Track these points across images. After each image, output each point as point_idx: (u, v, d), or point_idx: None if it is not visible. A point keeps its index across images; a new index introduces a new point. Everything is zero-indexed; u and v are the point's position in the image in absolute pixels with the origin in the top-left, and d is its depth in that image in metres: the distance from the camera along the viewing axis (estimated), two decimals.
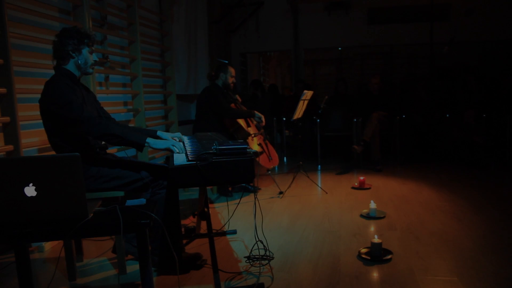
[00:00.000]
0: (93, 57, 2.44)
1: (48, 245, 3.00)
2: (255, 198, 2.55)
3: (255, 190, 4.44)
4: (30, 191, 1.61)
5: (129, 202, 1.93)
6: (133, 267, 2.60)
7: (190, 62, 5.96)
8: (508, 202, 3.77)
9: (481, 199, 3.89)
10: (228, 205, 3.84)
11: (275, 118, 6.70)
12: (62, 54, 2.35)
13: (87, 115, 2.22)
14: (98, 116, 2.48)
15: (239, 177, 1.91)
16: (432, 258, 2.59)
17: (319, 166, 5.80)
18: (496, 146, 5.65)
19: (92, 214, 1.72)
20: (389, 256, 2.60)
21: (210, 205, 3.93)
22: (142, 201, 1.93)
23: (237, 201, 4.06)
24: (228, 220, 3.38)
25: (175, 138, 2.59)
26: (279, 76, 13.47)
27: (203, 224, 3.16)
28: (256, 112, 4.25)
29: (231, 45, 8.23)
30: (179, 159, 2.05)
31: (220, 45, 7.57)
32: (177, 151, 2.26)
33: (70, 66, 2.38)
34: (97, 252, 2.90)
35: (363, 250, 2.69)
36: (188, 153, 2.11)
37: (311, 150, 6.34)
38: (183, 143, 2.51)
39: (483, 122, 5.53)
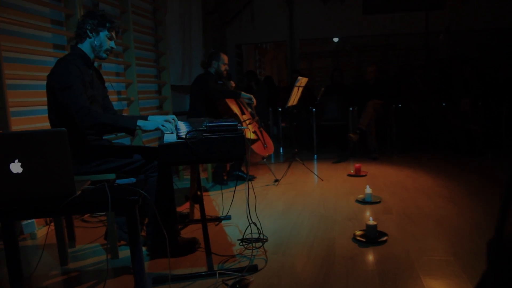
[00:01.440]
0: (111, 44, 2.43)
1: (40, 232, 2.97)
2: (247, 182, 2.52)
3: (250, 179, 4.41)
4: (16, 167, 1.57)
5: (119, 182, 1.90)
6: (125, 252, 2.56)
7: (184, 53, 5.91)
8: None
9: (477, 184, 3.88)
10: (222, 193, 3.81)
11: (270, 109, 6.67)
12: (80, 32, 2.36)
13: (79, 106, 2.18)
14: (100, 105, 2.46)
15: (229, 154, 1.88)
16: (428, 239, 2.57)
17: (315, 155, 5.77)
18: (492, 134, 5.63)
19: (80, 192, 1.68)
20: (384, 238, 2.57)
21: (204, 193, 3.90)
22: (131, 180, 1.90)
23: (232, 189, 4.02)
24: (230, 205, 3.36)
25: (168, 120, 2.56)
26: (275, 70, 13.43)
27: (197, 211, 3.14)
28: (242, 92, 4.20)
29: (226, 36, 8.18)
30: (170, 138, 2.02)
31: (215, 36, 7.52)
32: (167, 131, 2.23)
33: (86, 47, 2.39)
34: (90, 239, 2.87)
35: (358, 233, 2.66)
36: (178, 133, 2.08)
37: (307, 140, 6.31)
38: (176, 125, 2.48)
39: (479, 110, 5.50)
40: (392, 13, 7.41)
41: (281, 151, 6.46)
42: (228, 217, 3.15)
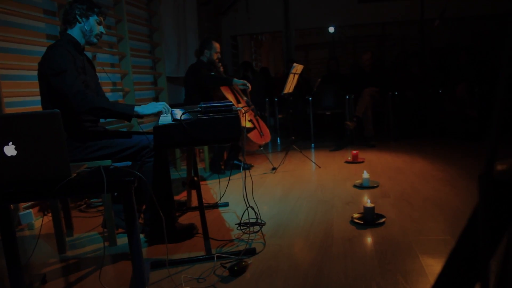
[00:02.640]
0: (100, 29, 2.42)
1: (38, 223, 2.96)
2: (243, 168, 2.52)
3: (247, 167, 4.40)
4: (10, 150, 1.56)
5: (115, 165, 1.89)
6: (123, 240, 2.56)
7: (180, 45, 5.89)
8: None
9: (474, 167, 3.88)
10: (220, 181, 3.80)
11: (267, 99, 6.65)
12: (69, 18, 2.34)
13: (75, 90, 2.17)
14: (93, 90, 2.45)
15: (225, 135, 1.87)
16: (426, 220, 2.57)
17: (313, 144, 5.77)
18: (488, 119, 5.62)
19: (75, 174, 1.67)
20: (382, 220, 2.58)
21: (202, 182, 3.90)
22: (127, 163, 1.89)
23: (229, 177, 4.02)
24: (225, 189, 3.35)
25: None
26: (272, 62, 13.39)
27: (194, 199, 3.13)
28: (234, 78, 4.17)
29: (221, 27, 8.14)
30: (165, 121, 2.01)
31: (210, 27, 7.48)
32: (167, 112, 2.24)
33: (76, 32, 2.37)
34: (87, 228, 2.86)
35: (356, 215, 2.67)
36: (174, 117, 2.07)
37: (304, 129, 6.30)
38: (172, 112, 2.47)
39: (475, 95, 5.50)
40: (387, 1, 7.38)
41: (278, 141, 6.45)
42: (225, 204, 3.14)
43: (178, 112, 2.34)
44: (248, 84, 4.12)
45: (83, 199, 3.47)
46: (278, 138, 6.55)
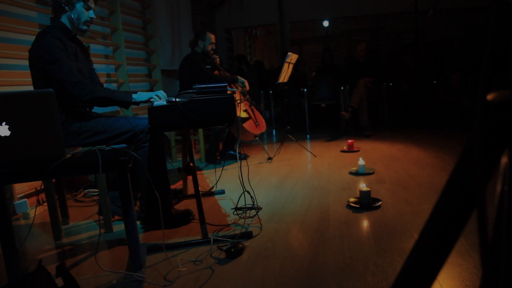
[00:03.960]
0: (89, 14, 2.37)
1: (33, 212, 2.94)
2: (238, 151, 2.51)
3: (243, 157, 4.40)
4: (3, 130, 1.55)
5: (108, 148, 1.88)
6: (119, 227, 2.55)
7: (174, 38, 5.86)
8: None
9: None
10: (215, 171, 3.80)
11: (262, 91, 6.65)
12: (55, 6, 2.30)
13: (74, 79, 2.17)
14: (87, 77, 2.43)
15: (220, 116, 1.86)
16: (421, 203, 2.58)
17: (308, 135, 5.77)
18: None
19: (70, 155, 1.66)
20: (378, 204, 2.59)
21: (198, 172, 3.89)
22: (122, 146, 1.88)
23: (226, 167, 4.03)
24: (220, 174, 3.35)
25: (157, 95, 2.55)
26: (266, 56, 13.38)
27: (190, 187, 3.13)
28: (238, 77, 4.18)
29: (215, 21, 8.11)
30: (160, 103, 2.00)
31: (204, 21, 7.45)
32: (160, 99, 2.23)
33: (64, 20, 2.34)
34: (83, 216, 2.85)
35: (352, 200, 2.67)
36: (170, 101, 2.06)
37: (299, 121, 6.31)
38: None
39: (469, 85, 5.53)
40: None
41: (274, 132, 6.45)
42: (221, 191, 3.14)
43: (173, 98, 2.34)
44: (247, 84, 4.13)
45: (79, 189, 3.45)
46: (274, 130, 6.55)
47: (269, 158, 4.28)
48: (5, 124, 1.55)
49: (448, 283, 1.58)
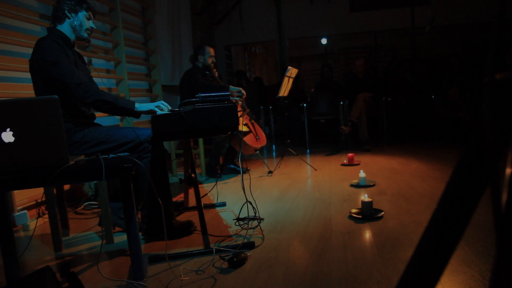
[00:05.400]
0: (90, 23, 2.42)
1: (33, 224, 2.92)
2: (240, 165, 2.51)
3: (244, 171, 4.40)
4: (7, 136, 1.55)
5: (112, 156, 1.88)
6: (120, 238, 2.54)
7: (174, 53, 5.92)
8: None
9: None
10: (217, 184, 3.79)
11: (261, 107, 6.68)
12: (58, 14, 2.33)
13: (77, 81, 2.18)
14: (89, 82, 2.45)
15: (223, 124, 1.87)
16: (424, 214, 2.57)
17: (308, 150, 5.78)
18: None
19: (73, 162, 1.66)
20: (380, 214, 2.58)
21: (199, 185, 3.88)
22: (125, 154, 1.88)
23: (226, 181, 4.03)
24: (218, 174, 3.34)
25: (158, 106, 2.56)
26: (265, 74, 13.48)
27: (191, 199, 3.12)
28: (230, 86, 4.18)
29: (215, 37, 8.21)
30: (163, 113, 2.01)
31: (204, 37, 7.54)
32: (161, 110, 2.24)
33: (66, 28, 2.36)
34: (83, 228, 2.83)
35: (354, 210, 2.67)
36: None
37: (299, 136, 6.32)
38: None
39: (467, 99, 5.57)
40: (379, 10, 7.50)
41: (274, 147, 6.46)
42: (223, 204, 3.13)
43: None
44: (243, 91, 4.13)
45: (79, 202, 3.44)
46: (274, 146, 6.56)
47: (270, 172, 4.27)
48: (10, 131, 1.55)
49: None
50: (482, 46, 7.78)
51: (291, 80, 4.38)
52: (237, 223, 2.59)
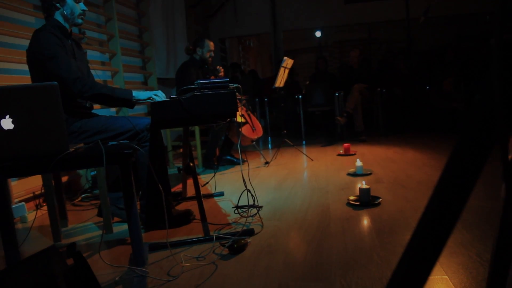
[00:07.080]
0: (81, 6, 2.36)
1: (31, 216, 2.92)
2: (240, 156, 2.52)
3: (241, 163, 4.41)
4: (7, 123, 1.55)
5: (111, 143, 1.88)
6: (119, 228, 2.54)
7: (169, 46, 5.90)
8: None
9: None
10: (214, 175, 3.80)
11: (257, 100, 6.68)
12: (47, 6, 2.29)
13: (74, 76, 2.16)
14: (87, 75, 2.44)
15: (222, 111, 1.87)
16: (421, 200, 2.60)
17: (304, 141, 5.80)
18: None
19: (73, 149, 1.66)
20: (378, 201, 2.60)
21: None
22: (124, 141, 1.88)
23: (223, 172, 4.04)
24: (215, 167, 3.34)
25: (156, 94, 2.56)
26: (259, 67, 13.46)
27: (189, 189, 3.13)
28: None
29: (209, 30, 8.18)
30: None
31: (198, 30, 7.51)
32: (159, 98, 2.24)
33: (58, 18, 2.33)
34: (82, 219, 2.83)
35: (352, 198, 2.69)
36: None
37: (295, 128, 6.34)
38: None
39: (461, 89, 5.60)
40: (373, 1, 7.50)
41: (270, 140, 6.47)
42: (221, 193, 3.14)
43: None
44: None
45: (76, 194, 3.43)
46: (269, 137, 6.57)
47: (267, 163, 4.28)
48: (9, 117, 1.55)
49: (452, 271, 1.59)
50: (477, 37, 7.81)
51: (287, 71, 4.39)
52: (236, 211, 2.60)
